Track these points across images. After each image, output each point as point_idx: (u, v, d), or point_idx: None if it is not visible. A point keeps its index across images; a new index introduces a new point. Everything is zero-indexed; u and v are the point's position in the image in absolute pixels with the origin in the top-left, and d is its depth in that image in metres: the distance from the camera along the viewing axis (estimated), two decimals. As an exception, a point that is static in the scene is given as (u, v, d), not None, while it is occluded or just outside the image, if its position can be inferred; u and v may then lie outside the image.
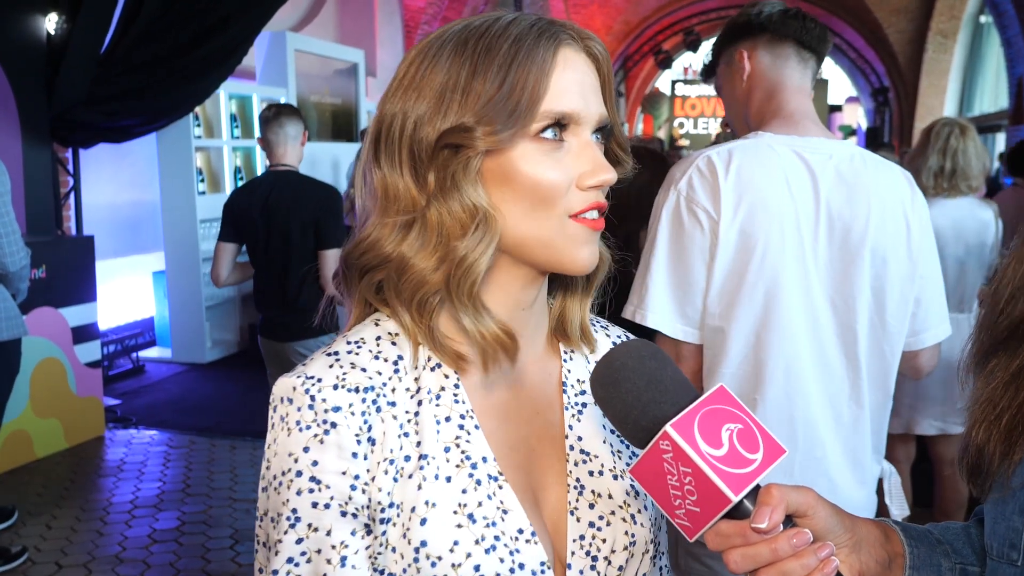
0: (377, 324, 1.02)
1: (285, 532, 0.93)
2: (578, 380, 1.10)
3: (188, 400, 7.04)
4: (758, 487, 0.86)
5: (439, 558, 0.93)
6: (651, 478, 0.87)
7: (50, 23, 5.68)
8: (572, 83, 0.96)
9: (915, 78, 17.04)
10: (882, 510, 2.09)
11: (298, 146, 4.22)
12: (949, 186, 3.84)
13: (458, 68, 0.95)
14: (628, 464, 1.08)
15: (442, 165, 0.96)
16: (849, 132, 22.29)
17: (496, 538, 0.95)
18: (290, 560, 0.93)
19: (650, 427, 0.86)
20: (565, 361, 1.11)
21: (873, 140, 17.22)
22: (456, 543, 0.93)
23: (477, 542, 0.94)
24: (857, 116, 24.15)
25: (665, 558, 1.18)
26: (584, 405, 1.09)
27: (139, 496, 5.12)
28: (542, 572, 0.97)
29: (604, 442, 1.08)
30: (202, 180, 8.01)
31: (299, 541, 0.93)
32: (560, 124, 0.95)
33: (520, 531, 0.97)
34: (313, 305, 4.13)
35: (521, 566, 0.95)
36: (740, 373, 1.93)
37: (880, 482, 2.09)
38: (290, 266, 4.07)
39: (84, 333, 6.01)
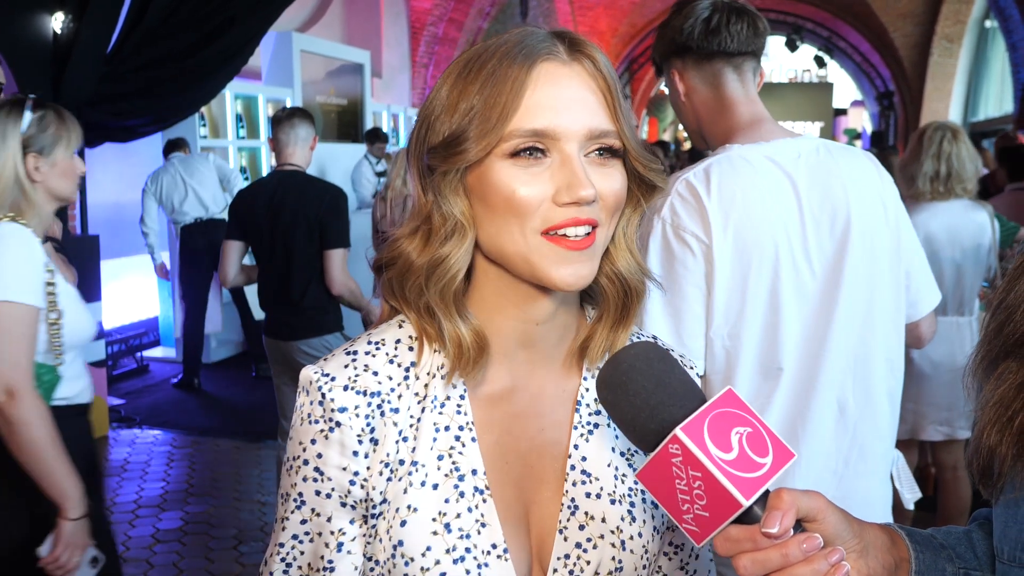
0: (401, 326, 1.07)
1: (292, 512, 1.04)
2: (594, 400, 1.10)
3: (192, 400, 7.05)
4: (767, 491, 0.85)
5: (411, 559, 0.99)
6: (658, 482, 0.86)
7: (56, 22, 5.67)
8: (549, 98, 0.97)
9: (920, 82, 17.02)
10: (895, 499, 2.08)
11: (307, 149, 4.24)
12: (945, 190, 3.86)
13: (455, 88, 1.00)
14: (631, 489, 1.08)
15: (434, 177, 1.01)
16: (854, 135, 22.28)
17: (467, 550, 0.99)
18: (295, 537, 1.04)
19: (659, 430, 0.86)
20: (585, 379, 1.11)
21: (878, 144, 17.20)
22: (428, 548, 0.99)
23: (448, 551, 0.99)
24: (862, 120, 24.13)
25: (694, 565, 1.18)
26: (596, 426, 1.09)
27: (143, 496, 5.12)
28: None
29: (609, 465, 1.08)
30: (207, 180, 8.01)
31: (303, 522, 1.03)
32: (538, 139, 0.96)
33: (493, 546, 1.00)
34: (318, 305, 4.17)
35: None
36: (751, 384, 1.92)
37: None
38: (294, 265, 4.07)
39: (88, 332, 6.00)
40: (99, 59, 5.84)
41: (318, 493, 1.01)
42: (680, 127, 23.96)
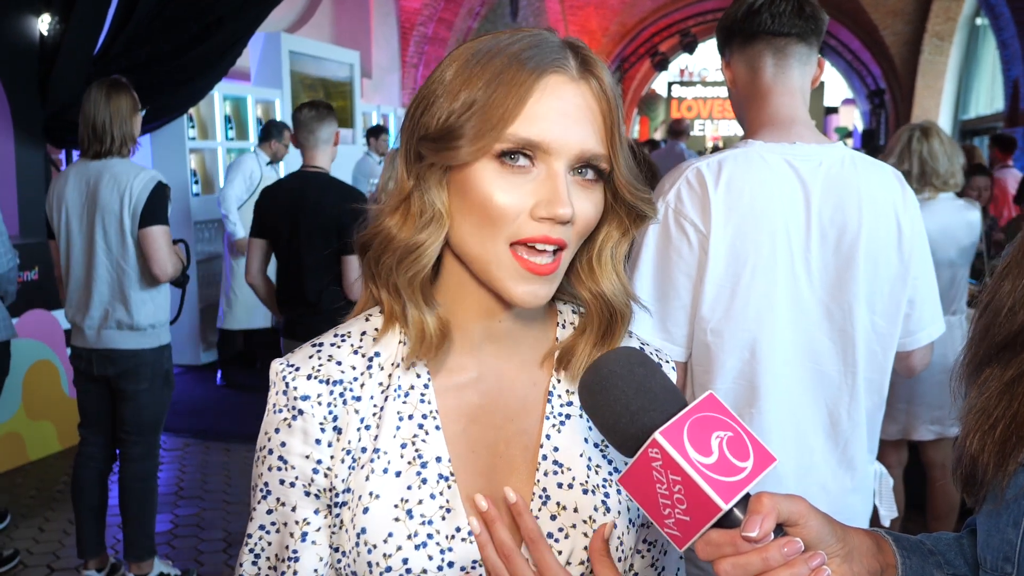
0: (367, 319, 1.09)
1: (259, 502, 1.06)
2: (567, 391, 1.10)
3: (182, 402, 7.01)
4: (748, 495, 0.85)
5: (374, 546, 0.99)
6: (640, 487, 0.86)
7: (43, 23, 5.65)
8: (550, 111, 0.96)
9: (911, 80, 17.05)
10: (874, 512, 2.08)
11: (330, 148, 4.24)
12: (919, 188, 3.88)
13: (460, 74, 0.98)
14: (605, 479, 1.07)
15: (421, 165, 1.01)
16: (845, 134, 22.32)
17: (429, 536, 0.99)
18: (262, 527, 1.06)
19: (639, 435, 0.85)
20: (555, 371, 1.11)
21: (869, 142, 17.25)
22: (390, 535, 0.99)
23: (409, 537, 0.99)
24: (853, 118, 24.17)
25: (667, 559, 1.19)
26: (568, 416, 1.09)
27: (132, 499, 5.09)
28: (472, 568, 0.99)
29: (582, 455, 1.08)
30: (196, 182, 7.99)
31: (269, 512, 1.05)
32: (530, 148, 0.96)
33: (457, 529, 1.00)
34: (335, 306, 4.11)
35: (451, 564, 0.99)
36: (735, 388, 1.90)
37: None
38: (311, 267, 4.06)
39: (77, 335, 5.97)
40: (86, 60, 5.83)
41: (282, 482, 1.03)
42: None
